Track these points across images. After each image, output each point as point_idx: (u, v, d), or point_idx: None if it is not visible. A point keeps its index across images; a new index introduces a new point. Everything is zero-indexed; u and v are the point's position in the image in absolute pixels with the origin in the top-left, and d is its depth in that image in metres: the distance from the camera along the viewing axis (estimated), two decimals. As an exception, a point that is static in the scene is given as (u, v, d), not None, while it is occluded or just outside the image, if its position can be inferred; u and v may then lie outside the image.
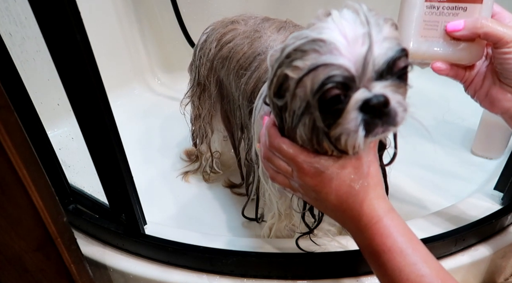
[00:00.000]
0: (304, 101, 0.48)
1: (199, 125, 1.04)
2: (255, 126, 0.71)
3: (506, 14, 0.60)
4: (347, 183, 0.52)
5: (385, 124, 0.47)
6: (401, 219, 0.53)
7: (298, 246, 0.75)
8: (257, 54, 0.80)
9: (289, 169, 0.55)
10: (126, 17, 1.54)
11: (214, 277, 0.78)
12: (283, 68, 0.49)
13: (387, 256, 0.50)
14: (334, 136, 0.49)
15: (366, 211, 0.52)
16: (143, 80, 1.65)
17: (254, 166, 0.80)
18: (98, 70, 0.60)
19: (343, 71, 0.45)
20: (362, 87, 0.46)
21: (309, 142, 0.52)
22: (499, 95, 0.61)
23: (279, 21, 0.88)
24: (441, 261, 0.78)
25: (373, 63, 0.45)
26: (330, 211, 0.57)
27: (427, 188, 1.04)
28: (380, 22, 0.47)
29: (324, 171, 0.52)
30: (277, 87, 0.51)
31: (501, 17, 0.60)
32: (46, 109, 0.81)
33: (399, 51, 0.47)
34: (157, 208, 1.04)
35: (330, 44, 0.45)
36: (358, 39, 0.45)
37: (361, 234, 0.53)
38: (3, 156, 0.49)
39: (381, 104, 0.46)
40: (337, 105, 0.47)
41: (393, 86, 0.47)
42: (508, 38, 0.55)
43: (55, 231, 0.59)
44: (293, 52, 0.48)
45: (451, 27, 0.57)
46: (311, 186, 0.54)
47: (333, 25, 0.46)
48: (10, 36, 0.74)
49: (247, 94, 0.78)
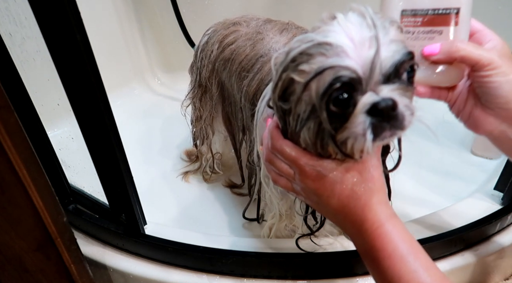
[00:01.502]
0: (309, 105, 0.48)
1: (200, 127, 1.04)
2: (258, 129, 0.70)
3: (486, 32, 0.58)
4: (349, 187, 0.51)
5: (393, 128, 0.47)
6: (403, 225, 0.52)
7: (298, 246, 0.75)
8: (260, 56, 0.80)
9: (291, 172, 0.55)
10: (126, 17, 1.54)
11: (214, 277, 0.78)
12: (288, 72, 0.48)
13: (387, 263, 0.49)
14: (341, 140, 0.48)
15: (367, 216, 0.51)
16: (143, 80, 1.65)
17: (256, 168, 0.80)
18: (98, 70, 0.60)
19: (350, 73, 0.44)
20: (370, 90, 0.46)
21: (313, 146, 0.51)
22: (481, 117, 0.58)
23: (281, 23, 0.88)
24: (441, 261, 0.79)
25: (381, 66, 0.45)
26: (331, 215, 0.56)
27: (427, 188, 1.04)
28: (386, 25, 0.47)
29: (326, 174, 0.52)
30: (282, 91, 0.50)
31: (481, 35, 0.58)
32: (46, 109, 0.82)
33: (406, 54, 0.46)
34: (157, 208, 1.03)
35: (337, 47, 0.45)
36: (365, 42, 0.45)
37: (362, 239, 0.52)
38: (3, 156, 0.49)
39: (389, 108, 0.45)
40: (344, 108, 0.46)
41: (400, 90, 0.47)
42: (485, 61, 0.53)
43: (55, 231, 0.59)
44: (299, 55, 0.47)
45: (428, 51, 0.55)
46: (312, 189, 0.53)
47: (339, 28, 0.46)
48: (10, 36, 0.74)
49: (250, 96, 0.78)
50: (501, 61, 0.53)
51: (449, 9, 0.54)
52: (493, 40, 0.57)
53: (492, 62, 0.53)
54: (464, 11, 0.54)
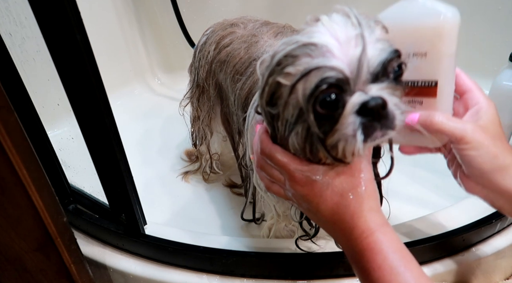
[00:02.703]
0: (297, 108, 0.46)
1: (198, 127, 1.04)
2: (248, 134, 0.69)
3: (475, 94, 0.57)
4: (338, 193, 0.50)
5: (384, 127, 0.45)
6: (394, 234, 0.50)
7: (298, 247, 0.75)
8: (253, 60, 0.79)
9: (282, 178, 0.53)
10: (126, 17, 1.55)
11: (214, 277, 0.78)
12: (274, 76, 0.47)
13: (377, 274, 0.47)
14: (331, 144, 0.47)
15: (357, 223, 0.49)
16: (143, 80, 1.65)
17: (249, 171, 0.79)
18: (98, 70, 0.60)
19: (337, 73, 0.43)
20: (358, 90, 0.44)
21: (301, 151, 0.50)
22: (463, 179, 0.59)
23: (277, 26, 0.87)
24: (441, 261, 0.79)
25: (368, 65, 0.44)
26: (322, 222, 0.54)
27: (426, 188, 1.04)
28: (371, 24, 0.46)
29: (315, 180, 0.50)
30: (269, 96, 0.49)
31: (470, 97, 0.57)
32: (46, 109, 0.82)
33: (393, 52, 0.45)
34: (157, 208, 1.04)
35: (322, 47, 0.44)
36: (350, 41, 0.44)
37: (351, 248, 0.50)
38: (3, 156, 0.49)
39: (379, 106, 0.44)
40: (332, 110, 0.45)
41: (389, 89, 0.46)
42: (457, 136, 0.52)
43: (55, 231, 0.59)
44: (284, 58, 0.46)
45: (407, 120, 0.54)
46: (302, 196, 0.52)
47: (323, 29, 0.45)
48: (10, 36, 0.74)
49: (242, 100, 0.77)
50: (473, 135, 0.52)
51: (427, 81, 0.54)
52: (479, 104, 0.56)
53: (464, 137, 0.52)
54: (443, 83, 0.53)
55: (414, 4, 0.52)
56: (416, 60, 0.53)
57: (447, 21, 0.51)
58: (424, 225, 0.81)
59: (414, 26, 0.52)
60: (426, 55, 0.52)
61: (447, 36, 0.51)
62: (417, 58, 0.53)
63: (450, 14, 0.50)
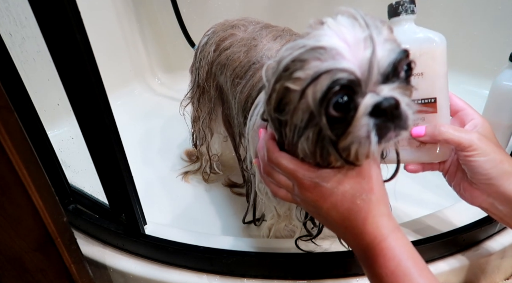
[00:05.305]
0: (307, 113, 0.46)
1: (198, 128, 1.04)
2: (250, 138, 0.69)
3: (469, 111, 0.62)
4: (349, 198, 0.50)
5: (397, 128, 0.45)
6: (406, 239, 0.50)
7: (298, 247, 0.75)
8: (252, 63, 0.78)
9: (290, 184, 0.53)
10: (126, 17, 1.55)
11: (214, 277, 0.78)
12: (282, 81, 0.46)
13: (389, 280, 0.47)
14: (344, 146, 0.46)
15: (368, 229, 0.49)
16: (143, 80, 1.65)
17: (250, 175, 0.79)
18: (98, 70, 0.60)
19: (348, 75, 0.43)
20: (369, 91, 0.44)
21: (311, 155, 0.49)
22: (469, 190, 0.62)
23: (277, 29, 0.87)
24: (441, 261, 0.79)
25: (378, 66, 0.44)
26: (333, 227, 0.54)
27: (427, 188, 1.04)
28: (378, 24, 0.46)
29: (325, 186, 0.50)
30: (277, 102, 0.48)
31: (464, 114, 0.62)
32: (46, 109, 0.82)
33: (402, 52, 0.45)
34: (157, 208, 1.04)
35: (332, 50, 0.43)
36: (359, 43, 0.43)
37: (364, 254, 0.50)
38: (3, 156, 0.49)
39: (393, 107, 0.44)
40: (345, 113, 0.44)
41: (400, 89, 0.45)
42: (465, 143, 0.56)
43: (55, 231, 0.59)
44: (292, 63, 0.45)
45: (415, 132, 0.59)
46: (312, 201, 0.52)
47: (330, 32, 0.44)
48: (10, 36, 0.74)
49: (242, 103, 0.77)
50: (479, 142, 0.57)
51: (427, 99, 0.60)
52: (475, 119, 0.61)
53: (472, 144, 0.56)
54: (441, 99, 0.60)
55: (405, 30, 0.59)
56: (414, 80, 0.57)
57: (439, 46, 0.59)
58: (424, 225, 0.81)
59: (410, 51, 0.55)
60: (423, 75, 0.59)
61: (439, 58, 0.59)
62: (415, 78, 0.58)
63: (439, 39, 0.58)
